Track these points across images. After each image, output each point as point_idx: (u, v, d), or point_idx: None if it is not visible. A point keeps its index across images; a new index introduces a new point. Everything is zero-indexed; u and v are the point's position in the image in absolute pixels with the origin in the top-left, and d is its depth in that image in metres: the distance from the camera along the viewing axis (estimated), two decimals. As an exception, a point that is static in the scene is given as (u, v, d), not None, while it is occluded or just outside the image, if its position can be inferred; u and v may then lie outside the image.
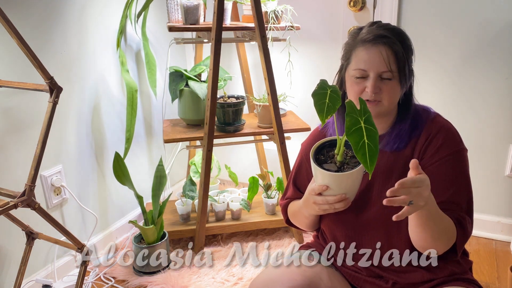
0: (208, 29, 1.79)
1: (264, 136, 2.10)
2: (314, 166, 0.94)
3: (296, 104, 2.22)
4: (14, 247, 1.61)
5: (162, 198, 1.97)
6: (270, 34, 1.81)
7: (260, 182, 2.15)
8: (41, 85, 1.30)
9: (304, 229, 1.24)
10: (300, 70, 2.27)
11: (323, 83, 0.91)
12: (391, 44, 1.01)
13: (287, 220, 1.26)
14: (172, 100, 2.02)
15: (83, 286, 1.67)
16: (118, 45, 1.96)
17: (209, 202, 1.99)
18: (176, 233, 2.00)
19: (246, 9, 1.93)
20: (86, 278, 1.81)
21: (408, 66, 1.04)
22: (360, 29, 1.07)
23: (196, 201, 2.06)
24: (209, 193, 1.95)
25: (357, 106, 0.85)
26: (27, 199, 1.26)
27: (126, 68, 1.98)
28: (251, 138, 2.13)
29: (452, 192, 1.02)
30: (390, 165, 1.07)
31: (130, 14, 1.97)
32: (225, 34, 1.78)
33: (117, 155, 1.74)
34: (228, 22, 1.85)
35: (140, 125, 2.20)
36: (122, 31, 1.98)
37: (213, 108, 1.80)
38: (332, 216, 1.10)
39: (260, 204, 2.18)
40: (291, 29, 1.86)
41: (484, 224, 2.08)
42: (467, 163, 1.07)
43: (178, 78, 2.01)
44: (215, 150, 2.01)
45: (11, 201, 1.24)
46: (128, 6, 1.95)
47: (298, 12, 1.96)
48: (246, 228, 2.06)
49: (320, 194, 0.97)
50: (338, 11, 2.12)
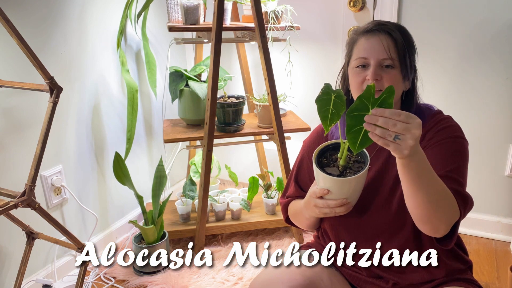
0: (208, 29, 1.79)
1: (264, 136, 2.10)
2: (316, 169, 0.93)
3: (296, 104, 2.22)
4: (14, 247, 1.61)
5: (162, 198, 1.97)
6: (270, 34, 1.81)
7: (260, 182, 2.15)
8: (41, 85, 1.30)
9: (304, 229, 1.24)
10: (300, 70, 2.27)
11: (327, 88, 0.88)
12: (391, 32, 1.03)
13: (287, 219, 1.26)
14: (172, 100, 2.02)
15: (83, 286, 1.67)
16: (118, 45, 1.96)
17: (209, 202, 1.99)
18: (176, 233, 2.00)
19: (246, 9, 1.93)
20: (86, 278, 1.81)
21: (410, 59, 1.05)
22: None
23: (196, 201, 2.06)
24: (209, 193, 1.95)
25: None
26: (27, 199, 1.26)
27: (126, 68, 1.98)
28: (251, 138, 2.13)
29: (450, 169, 0.98)
30: (392, 160, 1.06)
31: (130, 14, 1.97)
32: (225, 34, 1.78)
33: (117, 155, 1.74)
34: (228, 22, 1.85)
35: (140, 125, 2.20)
36: (122, 31, 1.98)
37: (213, 108, 1.80)
38: (335, 216, 1.10)
39: (260, 204, 2.18)
40: (291, 29, 1.86)
41: (484, 224, 2.08)
42: (467, 152, 1.03)
43: (178, 78, 2.01)
44: (215, 150, 2.01)
45: (11, 201, 1.24)
46: (128, 6, 1.95)
47: (298, 12, 1.96)
48: (246, 228, 2.06)
49: (321, 197, 0.97)
50: (338, 11, 2.12)
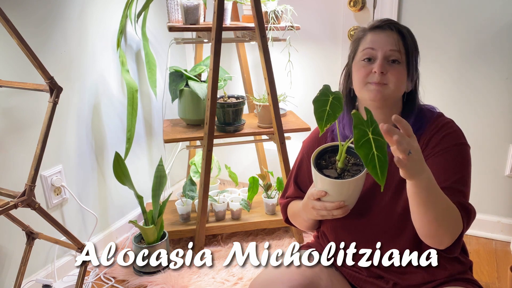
0: (208, 29, 1.79)
1: (264, 136, 2.10)
2: (314, 171, 0.92)
3: (296, 104, 2.22)
4: (14, 247, 1.61)
5: (162, 198, 1.97)
6: (270, 34, 1.81)
7: (260, 182, 2.15)
8: (41, 85, 1.30)
9: (304, 229, 1.24)
10: (300, 70, 2.27)
11: (325, 89, 0.89)
12: (401, 28, 1.04)
13: (286, 219, 1.26)
14: (172, 100, 2.02)
15: (83, 286, 1.67)
16: (118, 45, 1.96)
17: (209, 202, 1.99)
18: (176, 233, 2.00)
19: (246, 9, 1.93)
20: (86, 278, 1.81)
21: (415, 58, 1.06)
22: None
23: (196, 201, 2.06)
24: (209, 193, 1.95)
25: (363, 116, 0.82)
26: (27, 199, 1.26)
27: (126, 68, 1.98)
28: (251, 138, 2.13)
29: (454, 180, 0.99)
30: (394, 165, 1.06)
31: (130, 14, 1.97)
32: (225, 34, 1.78)
33: (117, 155, 1.74)
34: (228, 22, 1.85)
35: (140, 125, 2.20)
36: (122, 31, 1.98)
37: (213, 108, 1.80)
38: (336, 219, 1.10)
39: (260, 204, 2.18)
40: (291, 29, 1.86)
41: (484, 224, 2.08)
42: (470, 159, 1.05)
43: (178, 78, 2.01)
44: (215, 150, 2.01)
45: (11, 201, 1.24)
46: (128, 6, 1.95)
47: (298, 12, 1.96)
48: (246, 228, 2.06)
49: (319, 200, 0.97)
50: (338, 11, 2.12)
